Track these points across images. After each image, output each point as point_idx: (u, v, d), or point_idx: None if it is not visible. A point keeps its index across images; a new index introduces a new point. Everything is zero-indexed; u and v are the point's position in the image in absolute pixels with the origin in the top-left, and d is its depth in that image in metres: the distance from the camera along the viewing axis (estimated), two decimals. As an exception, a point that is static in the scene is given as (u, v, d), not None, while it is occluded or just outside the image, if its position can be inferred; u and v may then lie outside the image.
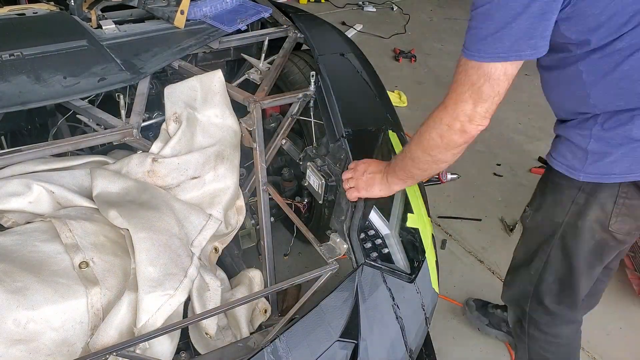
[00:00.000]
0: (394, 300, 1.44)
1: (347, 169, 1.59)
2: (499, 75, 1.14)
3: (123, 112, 1.69)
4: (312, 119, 1.91)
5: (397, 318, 1.43)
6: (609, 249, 1.42)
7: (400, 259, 1.53)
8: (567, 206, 1.38)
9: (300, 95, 1.87)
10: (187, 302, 1.48)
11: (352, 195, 1.54)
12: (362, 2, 5.41)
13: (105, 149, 1.98)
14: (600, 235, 1.38)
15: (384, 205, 1.58)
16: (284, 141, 1.97)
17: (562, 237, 1.44)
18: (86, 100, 1.76)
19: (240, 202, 1.88)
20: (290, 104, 1.92)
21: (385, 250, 1.52)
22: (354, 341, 1.34)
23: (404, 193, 1.63)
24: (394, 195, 1.60)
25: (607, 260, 1.47)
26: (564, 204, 1.39)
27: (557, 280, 1.51)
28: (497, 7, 1.09)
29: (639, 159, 1.23)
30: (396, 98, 3.77)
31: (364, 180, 1.50)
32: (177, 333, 1.48)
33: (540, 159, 3.23)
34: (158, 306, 1.36)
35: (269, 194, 1.82)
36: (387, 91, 1.97)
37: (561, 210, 1.40)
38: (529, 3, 1.07)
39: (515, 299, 1.67)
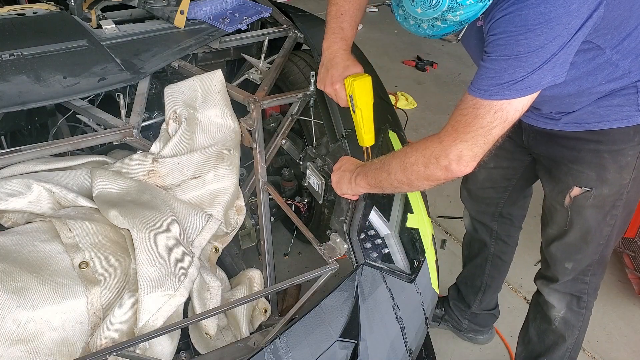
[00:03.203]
0: (394, 300, 1.44)
1: None
2: (517, 109, 1.13)
3: (123, 112, 1.69)
4: (312, 119, 1.91)
5: (397, 318, 1.43)
6: None
7: (400, 259, 1.53)
8: (632, 164, 1.39)
9: (300, 95, 1.87)
10: (187, 302, 1.48)
11: (333, 187, 1.55)
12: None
13: (105, 149, 1.98)
14: None
15: (384, 205, 1.58)
16: (284, 141, 1.97)
17: (628, 193, 1.44)
18: (86, 100, 1.76)
19: (240, 202, 1.88)
20: (290, 104, 1.92)
21: (385, 250, 1.52)
22: (354, 341, 1.34)
23: (404, 193, 1.63)
24: (394, 195, 1.61)
25: None
26: (629, 164, 1.39)
27: (619, 232, 1.53)
28: (525, 59, 1.08)
29: None
30: (403, 100, 3.75)
31: (336, 177, 1.51)
32: (177, 333, 1.48)
33: None
34: (158, 306, 1.36)
35: (269, 194, 1.82)
36: (392, 94, 1.96)
37: (628, 171, 1.40)
38: (558, 51, 1.07)
39: (575, 276, 1.63)
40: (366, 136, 1.53)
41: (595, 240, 1.53)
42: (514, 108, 1.13)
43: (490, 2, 1.07)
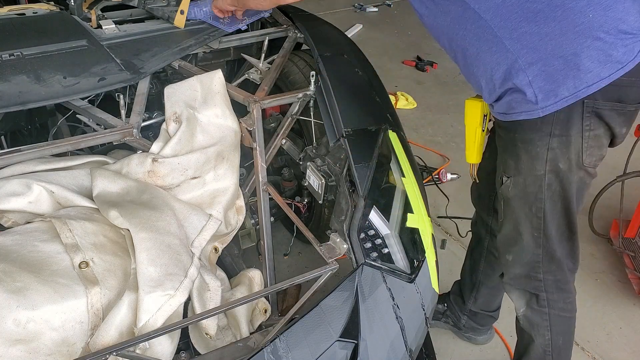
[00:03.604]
0: (394, 300, 1.44)
1: (345, 168, 1.60)
2: None
3: (123, 112, 1.69)
4: (312, 119, 1.91)
5: (397, 318, 1.43)
6: (585, 188, 1.48)
7: (400, 259, 1.53)
8: (544, 155, 1.41)
9: (300, 95, 1.87)
10: (187, 302, 1.48)
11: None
12: (359, 5, 5.39)
13: (105, 149, 1.98)
14: (577, 174, 1.43)
15: (384, 205, 1.58)
16: (284, 141, 1.97)
17: (549, 186, 1.45)
18: (86, 100, 1.76)
19: (240, 202, 1.88)
20: (290, 104, 1.92)
21: (385, 250, 1.52)
22: (354, 341, 1.34)
23: (404, 193, 1.63)
24: (394, 195, 1.61)
25: (581, 203, 1.52)
26: (540, 155, 1.41)
27: (559, 230, 1.53)
28: None
29: (578, 75, 1.28)
30: (403, 100, 3.75)
31: None
32: (177, 333, 1.48)
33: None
34: (158, 306, 1.36)
35: (269, 194, 1.82)
36: (392, 94, 1.97)
37: (540, 162, 1.42)
38: None
39: (524, 273, 1.63)
40: (469, 153, 1.69)
41: (528, 233, 1.54)
42: None
43: None
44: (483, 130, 1.63)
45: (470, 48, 1.41)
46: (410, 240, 1.57)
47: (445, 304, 2.19)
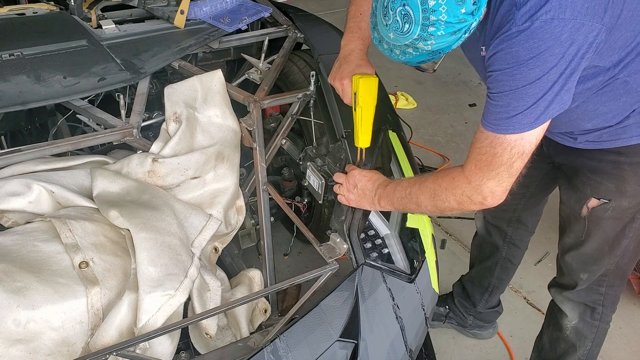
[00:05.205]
0: (394, 300, 1.44)
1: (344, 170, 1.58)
2: (527, 148, 1.13)
3: (123, 112, 1.69)
4: (312, 119, 1.91)
5: (397, 318, 1.43)
6: None
7: (400, 259, 1.53)
8: None
9: (300, 95, 1.87)
10: (187, 302, 1.48)
11: (341, 201, 1.54)
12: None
13: (105, 149, 1.98)
14: None
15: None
16: (284, 141, 1.97)
17: None
18: (86, 100, 1.76)
19: (240, 202, 1.88)
20: (290, 104, 1.92)
21: (385, 250, 1.52)
22: (354, 341, 1.35)
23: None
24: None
25: None
26: None
27: (637, 244, 1.51)
28: (525, 91, 1.08)
29: None
30: (403, 100, 3.75)
31: (355, 194, 1.48)
32: (177, 333, 1.48)
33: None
34: (158, 306, 1.36)
35: (269, 194, 1.82)
36: (392, 94, 1.96)
37: None
38: (557, 79, 1.07)
39: (589, 286, 1.61)
40: (362, 137, 1.52)
41: (612, 252, 1.51)
42: (528, 141, 1.13)
43: (467, 36, 1.06)
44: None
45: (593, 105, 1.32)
46: (410, 240, 1.57)
47: (448, 307, 2.18)
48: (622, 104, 1.28)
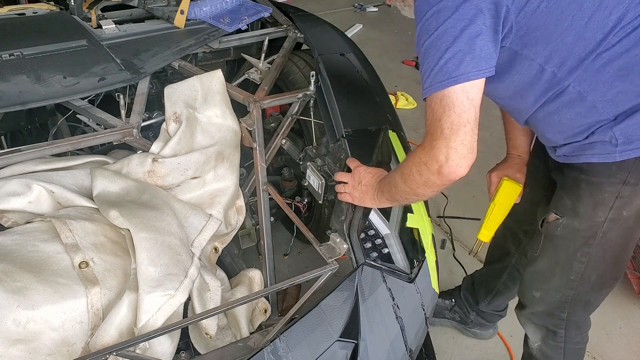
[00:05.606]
0: (394, 300, 1.44)
1: (345, 168, 1.58)
2: (461, 100, 1.14)
3: (123, 112, 1.69)
4: (312, 119, 1.91)
5: (397, 318, 1.43)
6: None
7: (400, 259, 1.53)
8: (610, 203, 1.33)
9: (300, 95, 1.87)
10: (187, 302, 1.48)
11: (344, 199, 1.54)
12: (359, 5, 5.38)
13: (105, 149, 1.98)
14: None
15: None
16: (284, 141, 1.97)
17: (604, 234, 1.38)
18: (86, 100, 1.76)
19: (240, 202, 1.88)
20: (290, 104, 1.92)
21: (385, 250, 1.52)
22: (354, 341, 1.34)
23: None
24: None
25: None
26: (606, 201, 1.33)
27: (601, 278, 1.47)
28: (437, 37, 1.14)
29: None
30: (403, 100, 3.74)
31: (359, 191, 1.49)
32: (177, 333, 1.48)
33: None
34: (158, 306, 1.36)
35: (269, 194, 1.82)
36: (392, 94, 1.96)
37: (603, 209, 1.34)
38: (465, 27, 1.12)
39: (549, 311, 1.59)
40: (484, 231, 1.68)
41: (565, 275, 1.47)
42: (464, 97, 1.14)
43: None
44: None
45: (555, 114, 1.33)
46: (410, 240, 1.57)
47: (453, 300, 2.17)
48: (583, 117, 1.27)
